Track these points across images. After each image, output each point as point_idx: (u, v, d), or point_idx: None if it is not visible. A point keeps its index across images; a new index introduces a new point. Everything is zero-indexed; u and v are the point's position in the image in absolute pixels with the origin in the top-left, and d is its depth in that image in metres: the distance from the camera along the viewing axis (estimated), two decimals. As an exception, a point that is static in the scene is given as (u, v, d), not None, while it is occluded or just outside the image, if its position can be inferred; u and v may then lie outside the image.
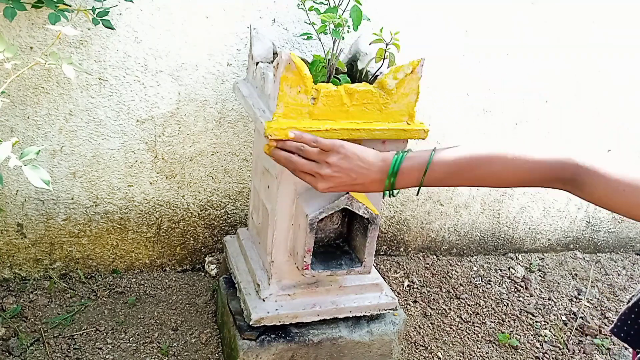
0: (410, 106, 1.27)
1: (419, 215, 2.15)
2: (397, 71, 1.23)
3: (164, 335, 1.63)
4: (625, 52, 2.11)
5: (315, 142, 1.01)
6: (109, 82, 1.57)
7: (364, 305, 1.47)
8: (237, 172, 1.82)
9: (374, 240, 1.31)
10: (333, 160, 0.97)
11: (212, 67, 1.64)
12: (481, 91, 1.99)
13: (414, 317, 1.88)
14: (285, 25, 1.65)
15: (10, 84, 1.46)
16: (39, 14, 1.44)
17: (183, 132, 1.70)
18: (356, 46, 1.48)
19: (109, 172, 1.69)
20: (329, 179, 0.98)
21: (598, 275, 2.33)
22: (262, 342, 1.40)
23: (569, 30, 2.00)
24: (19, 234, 1.68)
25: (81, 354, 1.52)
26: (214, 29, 1.59)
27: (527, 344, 1.86)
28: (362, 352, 1.51)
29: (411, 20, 1.79)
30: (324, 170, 0.98)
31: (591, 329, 1.96)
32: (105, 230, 1.76)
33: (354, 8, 1.33)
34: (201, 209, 1.84)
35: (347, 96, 1.22)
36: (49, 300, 1.68)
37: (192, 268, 1.93)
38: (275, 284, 1.41)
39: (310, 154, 1.00)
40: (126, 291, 1.77)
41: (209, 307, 1.76)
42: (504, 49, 1.95)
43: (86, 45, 1.51)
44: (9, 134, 1.55)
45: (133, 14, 1.51)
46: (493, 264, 2.26)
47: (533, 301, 2.07)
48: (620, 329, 0.94)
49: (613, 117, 2.22)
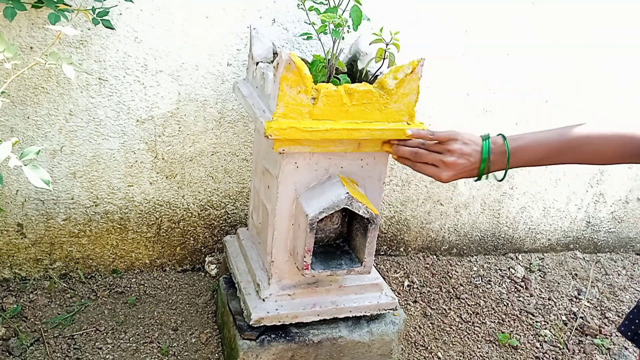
0: (410, 106, 1.27)
1: (419, 215, 2.15)
2: (397, 71, 1.23)
3: (164, 335, 1.63)
4: (625, 52, 2.11)
5: (433, 135, 1.08)
6: (109, 82, 1.57)
7: (364, 305, 1.47)
8: (237, 172, 1.82)
9: (374, 240, 1.31)
10: (455, 147, 1.03)
11: (212, 67, 1.64)
12: (481, 91, 1.99)
13: (414, 317, 1.88)
14: (285, 25, 1.65)
15: (11, 84, 1.46)
16: (39, 14, 1.44)
17: (183, 132, 1.70)
18: (356, 46, 1.48)
19: (109, 172, 1.69)
20: (453, 166, 1.04)
21: (598, 275, 2.33)
22: (262, 342, 1.40)
23: (569, 30, 2.00)
24: (19, 234, 1.68)
25: (81, 354, 1.52)
26: (214, 29, 1.59)
27: (527, 344, 1.86)
28: (362, 352, 1.51)
29: (411, 20, 1.79)
30: (448, 158, 1.04)
31: (591, 329, 1.96)
32: (105, 230, 1.76)
33: (354, 8, 1.33)
34: (201, 209, 1.84)
35: (347, 96, 1.22)
36: (49, 300, 1.68)
37: (192, 268, 1.93)
38: (275, 284, 1.41)
39: (433, 146, 1.06)
40: (126, 291, 1.77)
41: (209, 307, 1.76)
42: (504, 49, 1.95)
43: (86, 45, 1.51)
44: (9, 134, 1.55)
45: (133, 14, 1.51)
46: (493, 264, 2.26)
47: (533, 301, 2.07)
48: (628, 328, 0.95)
49: (613, 117, 2.22)
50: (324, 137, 1.21)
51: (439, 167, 1.07)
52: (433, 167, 1.08)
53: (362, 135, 1.24)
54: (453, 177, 1.07)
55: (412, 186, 2.07)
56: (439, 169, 1.07)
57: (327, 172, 1.32)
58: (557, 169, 2.26)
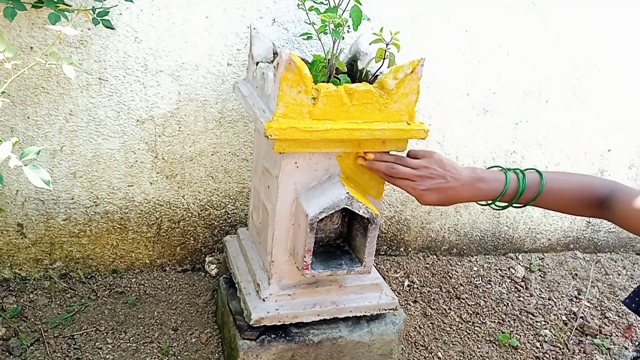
0: (410, 106, 1.27)
1: (419, 215, 2.15)
2: (397, 71, 1.23)
3: (164, 335, 1.63)
4: (626, 53, 2.11)
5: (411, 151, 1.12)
6: (109, 82, 1.58)
7: (364, 305, 1.47)
8: (237, 172, 1.82)
9: (374, 240, 1.31)
10: (429, 163, 1.06)
11: (212, 67, 1.64)
12: (481, 91, 1.99)
13: (414, 317, 1.88)
14: (286, 25, 1.66)
15: (11, 84, 1.46)
16: (39, 14, 1.44)
17: (183, 132, 1.70)
18: (356, 46, 1.48)
19: (109, 172, 1.69)
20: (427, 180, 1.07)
21: (598, 275, 2.33)
22: (262, 342, 1.40)
23: (569, 30, 2.00)
24: (19, 233, 1.69)
25: (81, 354, 1.52)
26: (214, 28, 1.60)
27: (527, 344, 1.86)
28: (362, 352, 1.51)
29: (411, 20, 1.79)
30: (422, 172, 1.07)
31: (591, 329, 1.96)
32: (105, 230, 1.76)
33: (354, 8, 1.33)
34: (201, 208, 1.84)
35: (347, 96, 1.22)
36: (49, 300, 1.68)
37: (192, 268, 1.93)
38: (275, 284, 1.41)
39: (409, 161, 1.09)
40: (126, 291, 1.77)
41: (209, 307, 1.76)
42: (504, 49, 1.95)
43: (86, 45, 1.51)
44: (9, 134, 1.55)
45: (133, 14, 1.51)
46: (493, 264, 2.26)
47: (533, 301, 2.07)
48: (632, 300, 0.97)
49: (613, 117, 2.22)
50: (324, 137, 1.21)
51: (414, 182, 1.07)
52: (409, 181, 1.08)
53: (362, 135, 1.24)
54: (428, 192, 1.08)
55: (412, 186, 2.07)
56: (415, 183, 1.08)
57: (327, 172, 1.32)
58: (557, 169, 2.26)
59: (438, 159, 1.08)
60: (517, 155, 2.17)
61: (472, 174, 1.06)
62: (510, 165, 2.19)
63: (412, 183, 1.09)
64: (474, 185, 1.05)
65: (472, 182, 1.05)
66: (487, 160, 2.13)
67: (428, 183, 1.07)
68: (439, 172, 1.07)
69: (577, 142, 2.23)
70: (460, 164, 2.09)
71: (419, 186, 1.07)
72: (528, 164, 2.21)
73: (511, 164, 2.19)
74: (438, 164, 1.08)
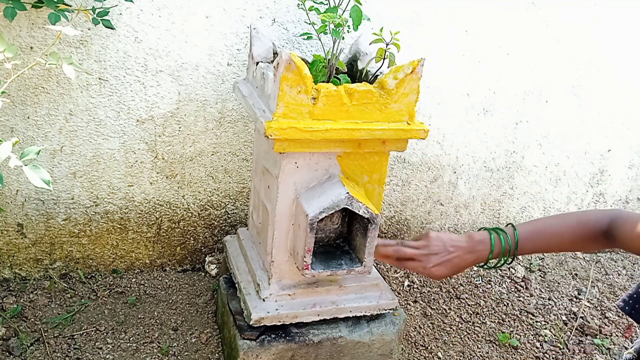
0: (410, 106, 1.27)
1: (419, 215, 2.15)
2: (397, 71, 1.23)
3: (164, 335, 1.63)
4: (626, 53, 2.11)
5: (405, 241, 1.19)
6: (109, 82, 1.57)
7: (364, 305, 1.47)
8: (237, 172, 1.82)
9: (374, 240, 1.31)
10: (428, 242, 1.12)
11: (212, 67, 1.64)
12: (481, 91, 1.99)
13: (414, 317, 1.88)
14: (286, 25, 1.66)
15: (11, 84, 1.46)
16: (39, 14, 1.44)
17: (183, 132, 1.70)
18: (356, 46, 1.48)
19: (109, 172, 1.69)
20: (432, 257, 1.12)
21: (598, 275, 2.33)
22: (262, 342, 1.40)
23: (569, 30, 2.00)
24: (19, 233, 1.68)
25: (81, 353, 1.52)
26: (214, 28, 1.60)
27: (527, 344, 1.86)
28: (362, 352, 1.51)
29: (411, 20, 1.79)
30: (425, 250, 1.12)
31: (591, 329, 1.96)
32: (105, 230, 1.76)
33: (354, 8, 1.33)
34: (201, 208, 1.84)
35: (347, 96, 1.22)
36: (49, 300, 1.68)
37: (192, 268, 1.93)
38: (276, 284, 1.41)
39: (410, 244, 1.15)
40: (126, 291, 1.77)
41: (209, 307, 1.76)
42: (504, 49, 1.95)
43: (86, 45, 1.51)
44: (9, 134, 1.55)
45: (133, 14, 1.51)
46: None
47: (533, 301, 2.08)
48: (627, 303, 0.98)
49: (613, 117, 2.22)
50: (324, 137, 1.21)
51: (420, 261, 1.13)
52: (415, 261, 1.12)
53: (362, 135, 1.24)
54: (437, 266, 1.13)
55: (412, 186, 2.07)
56: (421, 262, 1.13)
57: (327, 172, 1.32)
58: (557, 169, 2.27)
59: (435, 236, 1.14)
60: (517, 155, 2.17)
61: (469, 240, 1.13)
62: (510, 165, 2.19)
63: (419, 263, 1.14)
64: (474, 248, 1.11)
65: (473, 246, 1.11)
66: (487, 160, 2.13)
67: (434, 259, 1.12)
68: (440, 246, 1.12)
69: (577, 142, 2.23)
70: (460, 164, 2.09)
71: (427, 264, 1.13)
72: (528, 164, 2.21)
73: (511, 164, 2.19)
74: (436, 240, 1.13)
